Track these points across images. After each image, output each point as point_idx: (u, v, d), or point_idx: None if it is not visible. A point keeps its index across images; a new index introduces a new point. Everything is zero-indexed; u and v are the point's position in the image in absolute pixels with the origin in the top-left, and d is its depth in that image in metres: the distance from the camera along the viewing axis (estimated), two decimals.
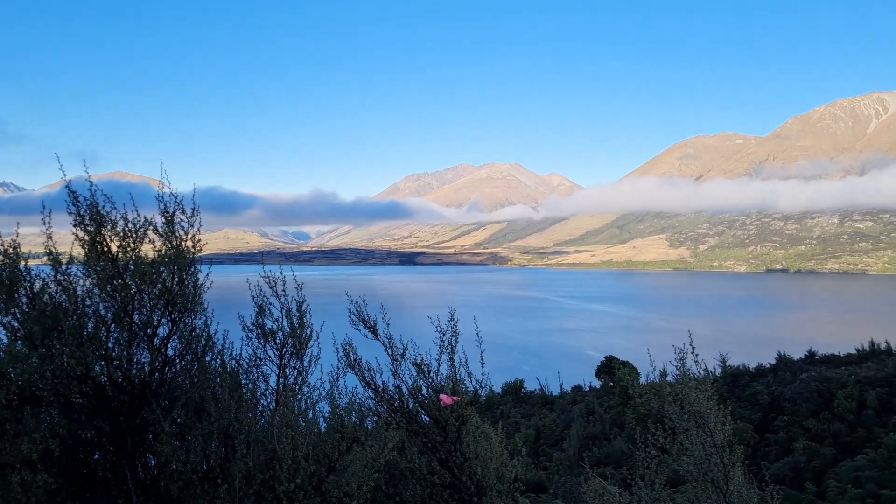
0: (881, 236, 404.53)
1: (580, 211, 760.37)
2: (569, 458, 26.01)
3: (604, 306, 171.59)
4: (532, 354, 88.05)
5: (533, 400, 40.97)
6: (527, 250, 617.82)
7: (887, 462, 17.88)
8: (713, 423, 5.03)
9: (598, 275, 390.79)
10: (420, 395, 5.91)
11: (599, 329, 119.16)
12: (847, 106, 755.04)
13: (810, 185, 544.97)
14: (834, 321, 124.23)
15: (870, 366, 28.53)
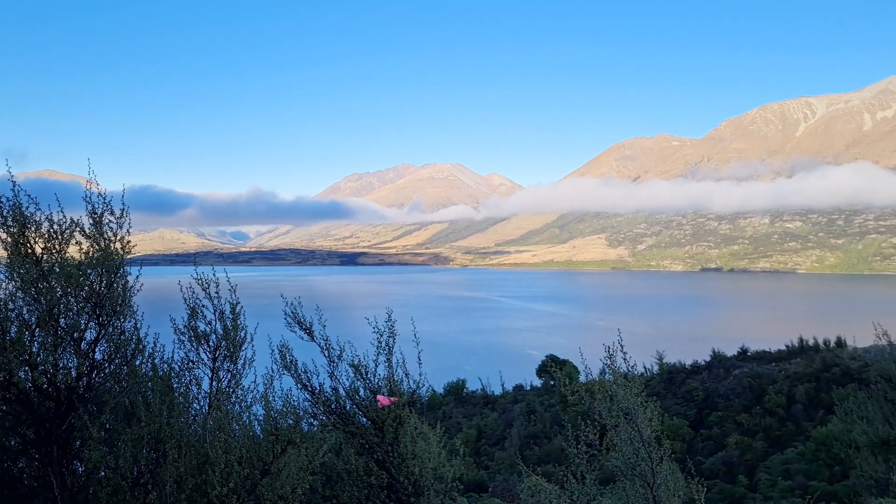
0: (810, 236, 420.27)
1: (521, 211, 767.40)
2: (510, 456, 26.19)
3: (545, 306, 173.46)
4: (474, 354, 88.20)
5: (475, 400, 41.13)
6: (469, 250, 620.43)
7: (815, 455, 18.49)
8: (641, 420, 5.14)
9: (540, 274, 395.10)
10: (357, 396, 5.88)
11: (540, 328, 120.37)
12: (777, 109, 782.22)
13: (742, 186, 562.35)
14: (765, 319, 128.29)
15: (798, 361, 29.48)
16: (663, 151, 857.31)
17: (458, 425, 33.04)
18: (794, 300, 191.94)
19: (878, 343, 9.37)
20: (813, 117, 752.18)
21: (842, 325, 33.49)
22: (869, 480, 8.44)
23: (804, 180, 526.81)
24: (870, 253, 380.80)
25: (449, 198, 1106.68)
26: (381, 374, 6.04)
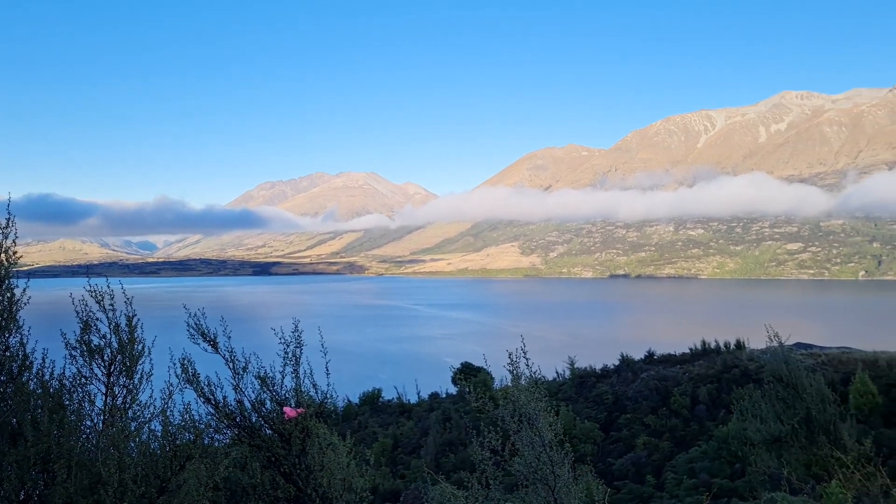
0: (711, 243, 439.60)
1: (436, 219, 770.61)
2: (426, 464, 26.16)
3: (460, 313, 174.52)
4: (390, 363, 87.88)
5: (391, 409, 40.87)
6: (384, 259, 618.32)
7: (717, 453, 19.21)
8: (543, 424, 5.21)
9: (455, 282, 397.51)
10: (264, 408, 5.73)
11: (456, 336, 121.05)
12: (680, 122, 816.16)
13: (647, 195, 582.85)
14: (670, 323, 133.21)
15: (701, 364, 30.62)
16: (573, 161, 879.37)
17: (374, 435, 32.74)
18: (697, 305, 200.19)
19: (771, 345, 9.85)
20: (713, 129, 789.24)
21: (741, 327, 35.06)
22: (763, 476, 8.88)
23: (704, 190, 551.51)
24: (766, 259, 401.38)
25: (364, 206, 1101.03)
26: (289, 385, 5.90)
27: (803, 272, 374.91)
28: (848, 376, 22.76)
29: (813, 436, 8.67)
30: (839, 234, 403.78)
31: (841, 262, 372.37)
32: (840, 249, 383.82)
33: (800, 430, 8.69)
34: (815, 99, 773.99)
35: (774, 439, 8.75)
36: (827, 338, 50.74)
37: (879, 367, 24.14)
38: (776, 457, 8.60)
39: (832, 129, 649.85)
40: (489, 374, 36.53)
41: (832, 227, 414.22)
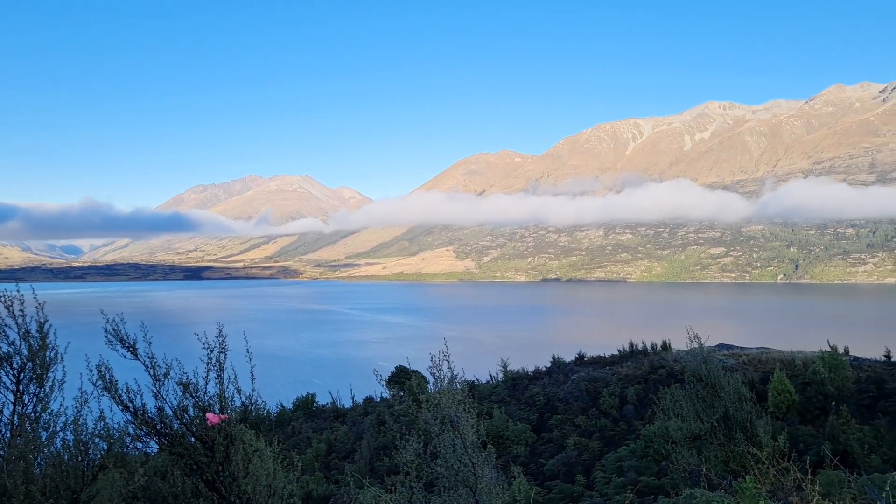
0: (639, 247, 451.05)
1: (371, 224, 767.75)
2: (360, 469, 25.97)
3: (395, 317, 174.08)
4: (324, 368, 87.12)
5: (325, 414, 40.39)
6: (319, 263, 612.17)
7: (644, 451, 19.62)
8: (464, 426, 5.25)
9: (390, 286, 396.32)
10: (186, 415, 5.58)
11: (391, 339, 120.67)
12: (609, 129, 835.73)
13: (577, 201, 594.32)
14: (600, 325, 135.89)
15: (629, 365, 31.25)
16: (507, 167, 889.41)
17: (307, 440, 32.28)
18: (626, 307, 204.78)
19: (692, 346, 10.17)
20: (641, 137, 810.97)
21: (667, 329, 36.03)
22: (683, 473, 9.16)
23: (632, 196, 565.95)
24: (691, 263, 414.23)
25: (298, 210, 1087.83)
26: (212, 391, 5.77)
27: (726, 275, 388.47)
28: (767, 375, 23.63)
29: (731, 433, 8.99)
30: (759, 239, 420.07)
31: (761, 265, 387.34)
32: (760, 254, 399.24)
33: (718, 428, 9.01)
34: (737, 109, 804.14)
35: (695, 437, 9.03)
36: (748, 338, 52.66)
37: (796, 366, 25.17)
38: (697, 454, 8.89)
39: (753, 139, 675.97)
40: (423, 377, 36.52)
41: (752, 232, 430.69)
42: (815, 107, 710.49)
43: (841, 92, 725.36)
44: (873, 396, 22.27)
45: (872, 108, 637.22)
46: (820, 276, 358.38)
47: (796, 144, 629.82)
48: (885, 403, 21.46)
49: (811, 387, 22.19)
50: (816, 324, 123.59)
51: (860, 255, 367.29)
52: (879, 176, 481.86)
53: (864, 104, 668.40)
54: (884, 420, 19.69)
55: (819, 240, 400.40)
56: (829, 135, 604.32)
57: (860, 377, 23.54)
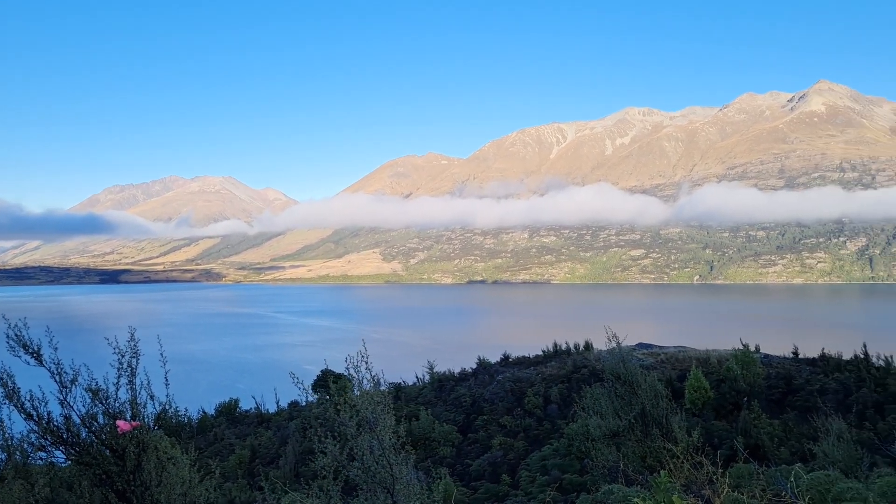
0: (562, 249, 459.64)
1: (296, 226, 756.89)
2: (285, 474, 25.52)
3: (321, 320, 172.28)
4: (248, 372, 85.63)
5: (249, 419, 39.57)
6: (242, 266, 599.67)
7: (567, 450, 19.94)
8: (381, 428, 5.22)
9: (316, 289, 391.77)
10: (95, 423, 5.35)
11: (317, 343, 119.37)
12: (534, 133, 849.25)
13: (502, 203, 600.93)
14: (525, 326, 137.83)
15: (553, 365, 31.76)
16: (433, 169, 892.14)
17: (230, 446, 31.52)
18: (550, 308, 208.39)
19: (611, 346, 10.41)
20: (564, 141, 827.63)
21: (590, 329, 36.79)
22: (603, 469, 9.38)
23: (556, 199, 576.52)
24: (612, 264, 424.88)
25: (221, 212, 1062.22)
26: (123, 397, 5.55)
27: (645, 277, 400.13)
28: (684, 373, 24.43)
29: (647, 429, 9.25)
30: (677, 241, 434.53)
31: (678, 267, 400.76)
32: (677, 255, 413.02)
33: (636, 425, 9.26)
34: (656, 115, 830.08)
35: (614, 434, 9.26)
36: (666, 338, 54.36)
37: (711, 364, 26.11)
38: (616, 450, 9.12)
39: (670, 144, 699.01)
40: (349, 380, 36.06)
41: (670, 234, 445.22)
42: (728, 114, 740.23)
43: (752, 100, 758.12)
44: (782, 392, 23.31)
45: (781, 116, 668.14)
46: (733, 277, 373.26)
47: (711, 150, 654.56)
48: (793, 398, 22.49)
49: (725, 383, 23.06)
50: (730, 323, 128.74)
51: (770, 257, 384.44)
52: (788, 181, 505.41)
53: (773, 112, 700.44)
54: (792, 414, 20.62)
55: (732, 242, 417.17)
56: (742, 141, 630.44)
57: (770, 374, 24.61)
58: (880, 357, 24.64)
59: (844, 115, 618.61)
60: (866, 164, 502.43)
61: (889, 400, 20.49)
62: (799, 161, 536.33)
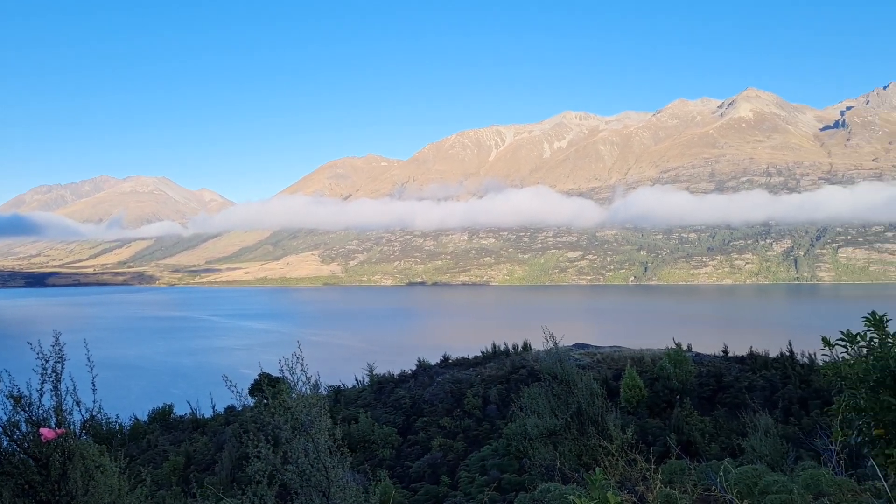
0: (501, 251, 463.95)
1: (233, 227, 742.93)
2: (220, 480, 25.02)
3: (259, 323, 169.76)
4: (183, 377, 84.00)
5: (183, 425, 38.64)
6: (177, 268, 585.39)
7: (506, 450, 20.12)
8: (316, 431, 5.18)
9: (253, 292, 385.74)
10: (17, 431, 5.13)
11: (255, 346, 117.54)
12: (473, 136, 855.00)
13: (442, 205, 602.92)
14: (465, 327, 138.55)
15: (492, 365, 32.00)
16: (373, 171, 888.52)
17: (164, 453, 30.71)
18: (489, 310, 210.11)
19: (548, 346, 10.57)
20: (503, 144, 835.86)
21: (528, 330, 37.25)
22: (540, 468, 9.51)
23: (494, 201, 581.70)
24: (550, 266, 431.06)
25: (154, 213, 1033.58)
26: (48, 404, 5.34)
27: (582, 278, 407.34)
28: (619, 372, 24.94)
29: (584, 428, 9.43)
30: (612, 243, 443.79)
31: (614, 268, 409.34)
32: (613, 257, 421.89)
33: (572, 424, 9.42)
34: (592, 120, 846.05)
35: (550, 433, 9.40)
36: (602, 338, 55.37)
37: (645, 363, 26.76)
38: (553, 449, 9.26)
39: (606, 148, 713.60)
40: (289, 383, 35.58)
41: (606, 236, 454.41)
42: (661, 119, 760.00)
43: (684, 106, 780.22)
44: (713, 389, 24.05)
45: (712, 121, 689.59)
46: (666, 278, 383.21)
47: (645, 154, 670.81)
48: (723, 395, 23.22)
49: (659, 382, 23.65)
50: (664, 323, 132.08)
51: (701, 259, 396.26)
52: (718, 185, 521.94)
53: (704, 118, 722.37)
54: (722, 411, 21.28)
55: (665, 244, 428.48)
56: (674, 146, 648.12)
57: (702, 372, 25.36)
58: (804, 355, 25.69)
59: (771, 122, 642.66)
60: (791, 168, 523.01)
61: (813, 396, 21.33)
62: (728, 165, 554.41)
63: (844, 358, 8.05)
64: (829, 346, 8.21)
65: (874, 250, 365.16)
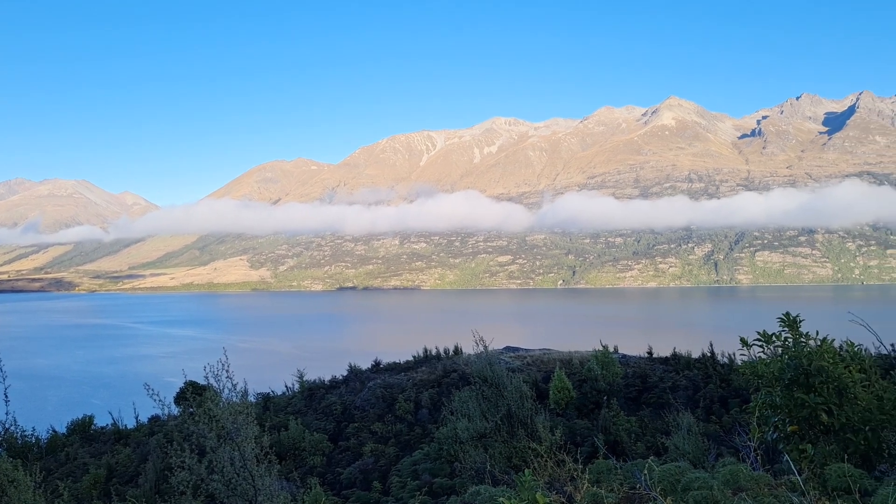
0: (432, 256, 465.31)
1: (158, 232, 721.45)
2: (144, 493, 24.29)
3: (185, 330, 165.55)
4: (105, 387, 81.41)
5: (105, 437, 37.32)
6: (98, 274, 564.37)
7: (437, 454, 20.21)
8: (242, 439, 5.15)
9: (179, 298, 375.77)
10: None
11: (180, 353, 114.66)
12: (404, 140, 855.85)
13: (372, 210, 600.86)
14: (396, 332, 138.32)
15: (424, 370, 32.10)
16: (303, 175, 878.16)
17: (84, 466, 29.61)
18: (421, 314, 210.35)
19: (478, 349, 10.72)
20: (434, 149, 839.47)
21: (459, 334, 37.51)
22: (471, 471, 9.63)
23: (425, 205, 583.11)
24: (481, 270, 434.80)
25: (73, 217, 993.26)
26: None
27: (512, 282, 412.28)
28: (549, 374, 25.40)
29: (513, 430, 9.61)
30: (541, 247, 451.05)
31: (543, 272, 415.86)
32: (542, 261, 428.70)
33: (502, 426, 9.59)
34: (521, 126, 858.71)
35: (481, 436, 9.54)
36: (532, 341, 56.26)
37: (574, 365, 27.32)
38: (484, 451, 9.39)
39: (535, 154, 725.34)
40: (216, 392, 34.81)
41: (535, 241, 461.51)
42: (588, 126, 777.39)
43: (610, 113, 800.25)
44: (638, 390, 24.75)
45: (636, 129, 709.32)
46: (594, 282, 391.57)
47: (573, 160, 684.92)
48: (648, 396, 23.93)
49: (587, 383, 24.21)
50: (591, 325, 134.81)
51: (627, 262, 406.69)
52: (642, 191, 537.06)
53: (629, 125, 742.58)
54: (647, 411, 21.93)
55: (593, 248, 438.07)
56: (601, 152, 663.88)
57: (628, 373, 26.07)
58: (724, 355, 26.73)
59: (692, 130, 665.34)
60: (711, 175, 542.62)
61: (732, 395, 22.20)
62: (652, 172, 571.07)
63: (761, 357, 8.50)
64: (747, 346, 8.65)
65: (788, 254, 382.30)
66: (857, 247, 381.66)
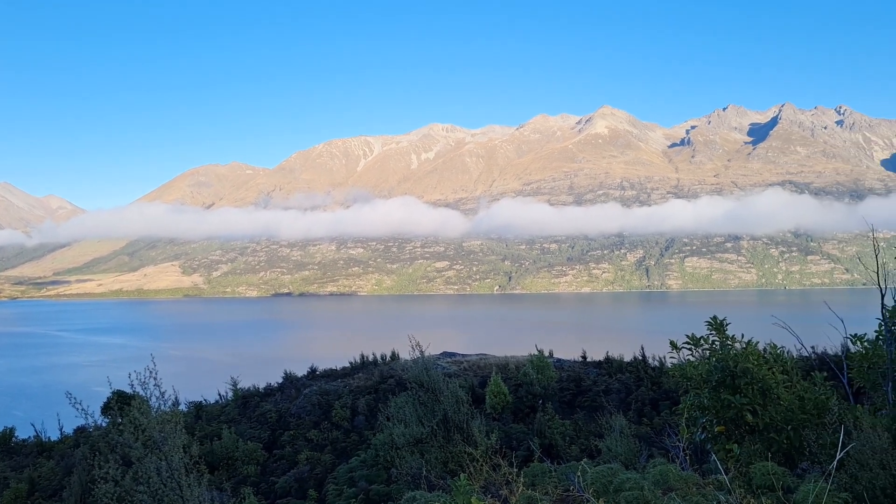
0: (370, 261, 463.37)
1: (84, 237, 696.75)
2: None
3: (113, 338, 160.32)
4: (26, 398, 78.37)
5: (27, 449, 36.02)
6: (20, 280, 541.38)
7: (374, 460, 20.18)
8: (170, 448, 5.11)
9: (107, 305, 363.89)
10: None
11: (107, 362, 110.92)
12: (341, 145, 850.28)
13: (308, 215, 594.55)
14: (333, 338, 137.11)
15: (360, 376, 32.05)
16: (237, 179, 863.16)
17: (4, 480, 28.50)
18: (358, 320, 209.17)
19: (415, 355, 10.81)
20: (371, 155, 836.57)
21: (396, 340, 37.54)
22: (407, 477, 9.71)
23: (362, 211, 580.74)
24: (418, 276, 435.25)
25: None
26: None
27: (450, 288, 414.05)
28: (485, 379, 25.68)
29: (449, 435, 9.73)
30: (478, 253, 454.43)
31: (480, 278, 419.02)
32: (479, 267, 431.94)
33: (438, 431, 9.70)
34: (458, 132, 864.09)
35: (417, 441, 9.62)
36: (469, 346, 56.70)
37: (510, 369, 27.70)
38: (420, 457, 9.48)
39: (472, 160, 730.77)
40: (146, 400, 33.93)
41: (472, 247, 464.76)
42: (524, 133, 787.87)
43: (545, 121, 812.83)
44: (573, 393, 25.27)
45: (571, 137, 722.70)
46: (529, 287, 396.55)
47: (509, 167, 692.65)
48: (582, 399, 24.46)
49: (522, 388, 24.58)
50: (527, 330, 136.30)
51: (562, 268, 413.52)
52: (576, 198, 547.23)
53: (564, 133, 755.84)
54: (582, 414, 22.41)
55: (528, 254, 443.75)
56: (536, 159, 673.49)
57: (563, 377, 26.59)
58: (655, 358, 27.54)
59: (624, 138, 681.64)
60: (642, 182, 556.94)
61: (663, 397, 22.89)
62: (586, 179, 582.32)
63: (690, 360, 8.85)
64: (677, 349, 9.00)
65: (715, 260, 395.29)
66: (779, 253, 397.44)
